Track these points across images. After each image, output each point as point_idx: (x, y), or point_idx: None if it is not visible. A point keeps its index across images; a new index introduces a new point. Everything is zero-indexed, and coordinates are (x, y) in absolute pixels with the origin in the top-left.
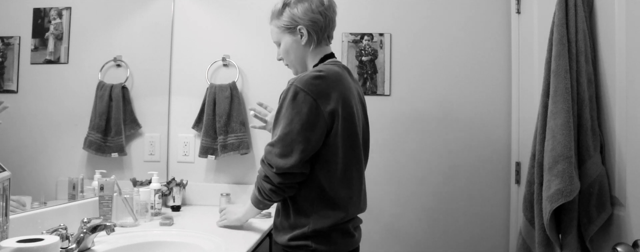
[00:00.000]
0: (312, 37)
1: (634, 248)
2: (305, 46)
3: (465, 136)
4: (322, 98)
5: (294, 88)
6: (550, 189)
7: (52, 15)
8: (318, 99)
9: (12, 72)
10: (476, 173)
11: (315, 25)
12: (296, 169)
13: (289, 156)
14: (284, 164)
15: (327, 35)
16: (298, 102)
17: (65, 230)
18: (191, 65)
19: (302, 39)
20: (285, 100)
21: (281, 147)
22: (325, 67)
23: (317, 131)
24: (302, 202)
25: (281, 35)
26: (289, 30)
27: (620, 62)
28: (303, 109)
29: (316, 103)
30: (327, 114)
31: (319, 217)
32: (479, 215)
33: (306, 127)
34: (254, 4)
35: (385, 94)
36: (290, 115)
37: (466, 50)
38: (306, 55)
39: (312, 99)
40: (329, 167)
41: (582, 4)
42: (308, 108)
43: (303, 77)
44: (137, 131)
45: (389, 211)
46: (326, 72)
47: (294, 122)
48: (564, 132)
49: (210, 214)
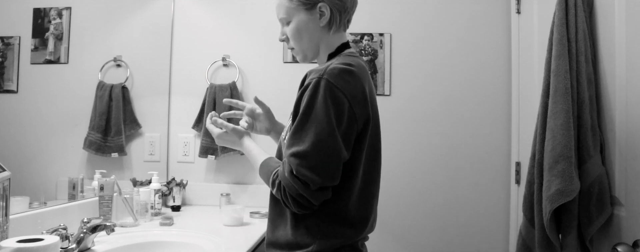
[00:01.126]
0: (334, 18)
1: (634, 248)
2: (324, 29)
3: (465, 136)
4: (355, 99)
5: (326, 83)
6: (550, 189)
7: (52, 15)
8: (351, 100)
9: (12, 72)
10: (476, 173)
11: (341, 4)
12: (334, 182)
13: (330, 169)
14: (323, 182)
15: (348, 19)
16: (332, 102)
17: (65, 230)
18: (191, 65)
19: (322, 20)
20: (316, 96)
21: (319, 159)
22: (353, 59)
23: (351, 139)
24: (309, 219)
25: (293, 12)
26: (306, 6)
27: (620, 62)
28: (339, 109)
29: (350, 104)
30: (359, 119)
31: (326, 238)
32: (479, 215)
33: (344, 133)
34: (254, 4)
35: (385, 94)
36: (325, 117)
37: (466, 50)
38: (322, 40)
39: (347, 100)
40: (348, 181)
41: (582, 4)
42: (345, 108)
43: (333, 71)
44: (137, 131)
45: (388, 212)
46: (357, 68)
47: (332, 125)
48: (564, 132)
49: (210, 214)
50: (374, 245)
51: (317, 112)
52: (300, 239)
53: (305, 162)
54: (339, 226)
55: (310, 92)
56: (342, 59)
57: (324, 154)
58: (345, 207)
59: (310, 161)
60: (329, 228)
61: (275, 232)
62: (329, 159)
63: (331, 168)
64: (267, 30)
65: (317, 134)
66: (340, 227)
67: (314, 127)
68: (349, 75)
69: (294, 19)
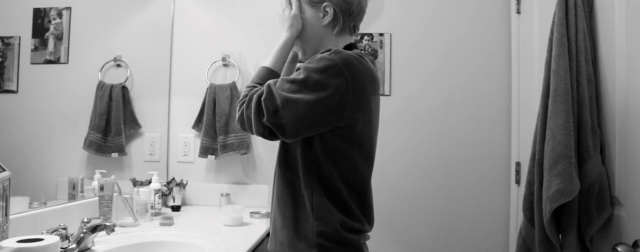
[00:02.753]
0: (337, 19)
1: (634, 248)
2: (326, 27)
3: (465, 136)
4: (357, 89)
5: (334, 61)
6: (550, 189)
7: (52, 15)
8: (351, 86)
9: (12, 72)
10: (476, 173)
11: (346, 7)
12: (284, 135)
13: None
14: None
15: (354, 24)
16: (329, 79)
17: (65, 230)
18: (191, 65)
19: (325, 19)
20: (320, 63)
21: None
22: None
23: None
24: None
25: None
26: (312, 3)
27: (620, 62)
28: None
29: (348, 89)
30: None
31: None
32: (479, 215)
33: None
34: (254, 4)
35: (385, 94)
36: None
37: (466, 50)
38: (324, 38)
39: (346, 84)
40: (355, 184)
41: (582, 4)
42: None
43: (344, 54)
44: (137, 131)
45: (388, 211)
46: (367, 62)
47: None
48: (564, 132)
49: (210, 214)
50: (374, 245)
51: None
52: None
53: (277, 103)
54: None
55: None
56: (357, 52)
57: (296, 111)
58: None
59: (282, 110)
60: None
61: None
62: (297, 116)
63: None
64: (268, 30)
65: (299, 90)
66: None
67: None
68: (359, 63)
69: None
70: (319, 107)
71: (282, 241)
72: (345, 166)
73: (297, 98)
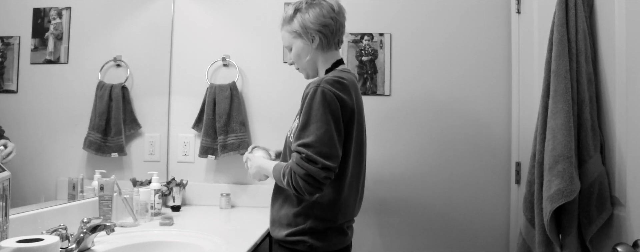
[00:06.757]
0: (323, 41)
1: (634, 248)
2: (317, 50)
3: (465, 136)
4: (344, 102)
5: (323, 89)
6: (550, 189)
7: (52, 15)
8: (342, 103)
9: (12, 72)
10: (476, 173)
11: (327, 29)
12: (335, 162)
13: (333, 154)
14: (330, 163)
15: (338, 39)
16: (328, 102)
17: (65, 230)
18: (191, 65)
19: (314, 43)
20: (314, 100)
21: (323, 146)
22: (345, 74)
23: (342, 130)
24: (306, 202)
25: (293, 40)
26: (300, 35)
27: (620, 62)
28: (333, 108)
29: (343, 104)
30: (347, 118)
31: (318, 219)
32: (479, 215)
33: (339, 128)
34: (254, 4)
35: (385, 94)
36: (324, 115)
37: (466, 50)
38: (317, 59)
39: (338, 102)
40: (340, 174)
41: (582, 4)
42: (337, 108)
43: (328, 80)
44: (137, 131)
45: (388, 211)
46: (347, 80)
47: (329, 121)
48: (564, 132)
49: (210, 214)
50: (374, 244)
51: (316, 111)
52: (298, 219)
53: (312, 149)
54: (328, 211)
55: (311, 96)
56: (336, 73)
57: (325, 142)
58: (337, 195)
59: (316, 148)
60: (320, 212)
61: (280, 212)
62: (329, 145)
63: (332, 153)
64: (267, 30)
65: (318, 128)
66: (330, 212)
67: (315, 123)
68: (340, 84)
69: (294, 46)
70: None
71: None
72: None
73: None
